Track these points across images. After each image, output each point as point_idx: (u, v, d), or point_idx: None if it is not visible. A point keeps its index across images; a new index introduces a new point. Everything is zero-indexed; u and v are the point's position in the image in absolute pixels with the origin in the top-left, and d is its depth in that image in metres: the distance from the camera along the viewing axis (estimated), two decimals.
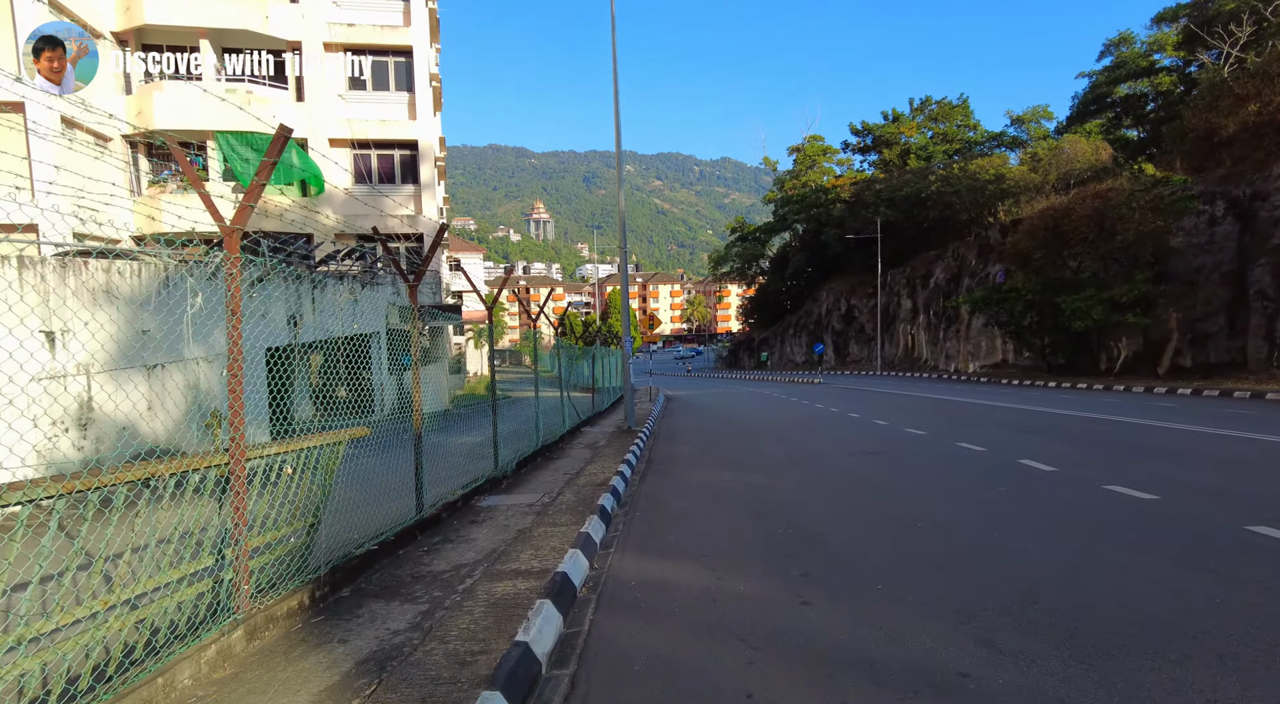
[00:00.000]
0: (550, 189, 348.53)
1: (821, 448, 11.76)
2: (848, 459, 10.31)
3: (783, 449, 11.89)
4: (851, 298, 57.94)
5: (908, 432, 13.16)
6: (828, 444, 12.25)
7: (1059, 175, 39.94)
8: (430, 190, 24.86)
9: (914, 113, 61.28)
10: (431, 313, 22.55)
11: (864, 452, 10.89)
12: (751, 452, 11.78)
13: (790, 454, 11.18)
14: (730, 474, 9.36)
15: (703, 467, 10.22)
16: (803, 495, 7.80)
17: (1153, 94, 48.14)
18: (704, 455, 11.60)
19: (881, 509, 6.90)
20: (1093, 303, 26.25)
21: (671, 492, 8.20)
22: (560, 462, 10.52)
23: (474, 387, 41.12)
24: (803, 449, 11.75)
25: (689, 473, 9.64)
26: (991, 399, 20.90)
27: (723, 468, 10.00)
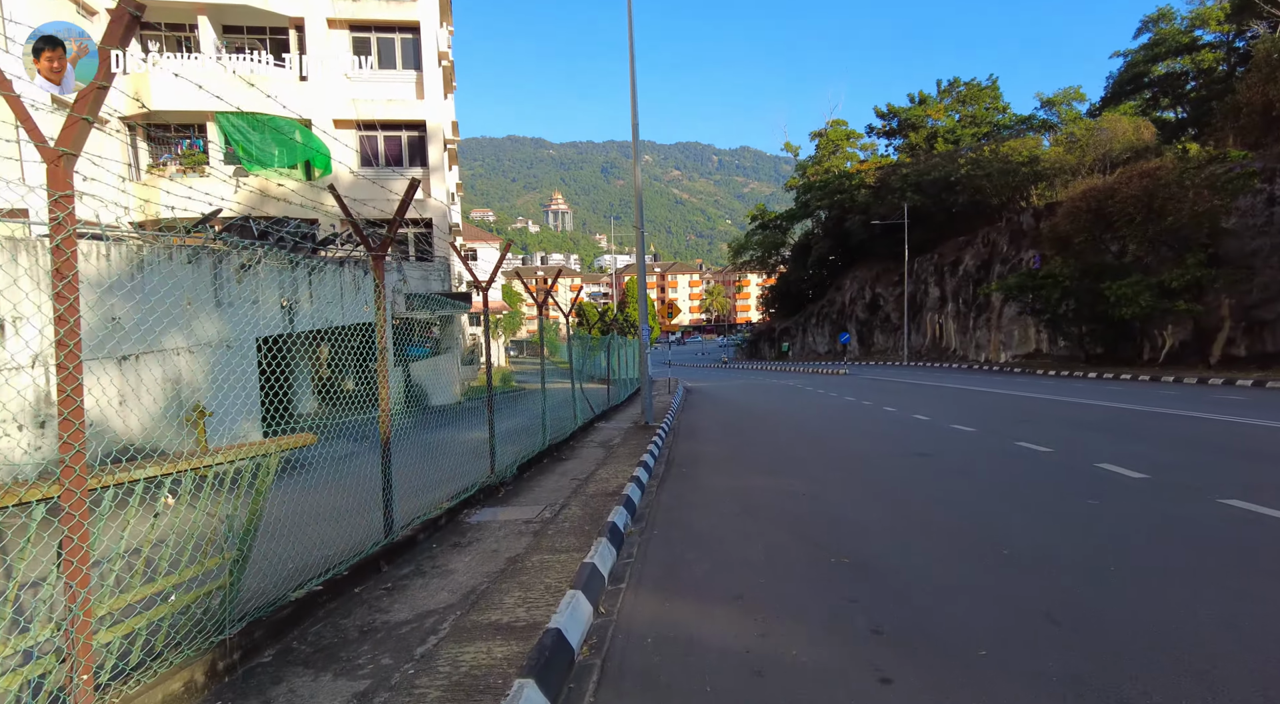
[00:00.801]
0: (568, 180, 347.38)
1: (863, 448, 10.53)
2: (896, 462, 9.09)
3: (819, 449, 10.68)
4: (876, 286, 56.30)
5: (955, 429, 11.89)
6: (869, 443, 11.02)
7: (1097, 156, 38.02)
8: (439, 173, 23.80)
9: (941, 95, 59.23)
10: (439, 300, 21.54)
11: (913, 453, 9.66)
12: (784, 451, 10.59)
13: (829, 455, 9.97)
14: (762, 479, 8.19)
15: (730, 469, 9.06)
16: (853, 509, 6.60)
17: (1194, 72, 45.99)
18: (730, 455, 10.44)
19: (952, 529, 5.70)
20: (1140, 289, 24.63)
21: (695, 502, 7.06)
22: (569, 463, 9.40)
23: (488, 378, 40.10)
24: (842, 449, 10.53)
25: (714, 477, 8.48)
26: (1033, 391, 19.49)
27: (753, 471, 8.83)
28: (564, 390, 15.50)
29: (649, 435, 12.00)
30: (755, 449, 11.00)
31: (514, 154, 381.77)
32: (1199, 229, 23.27)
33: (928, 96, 59.23)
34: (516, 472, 8.28)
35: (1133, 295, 24.67)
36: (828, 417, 15.60)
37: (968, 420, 12.86)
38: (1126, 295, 24.84)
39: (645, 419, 13.97)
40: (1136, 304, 24.68)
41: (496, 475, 7.65)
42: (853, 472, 8.51)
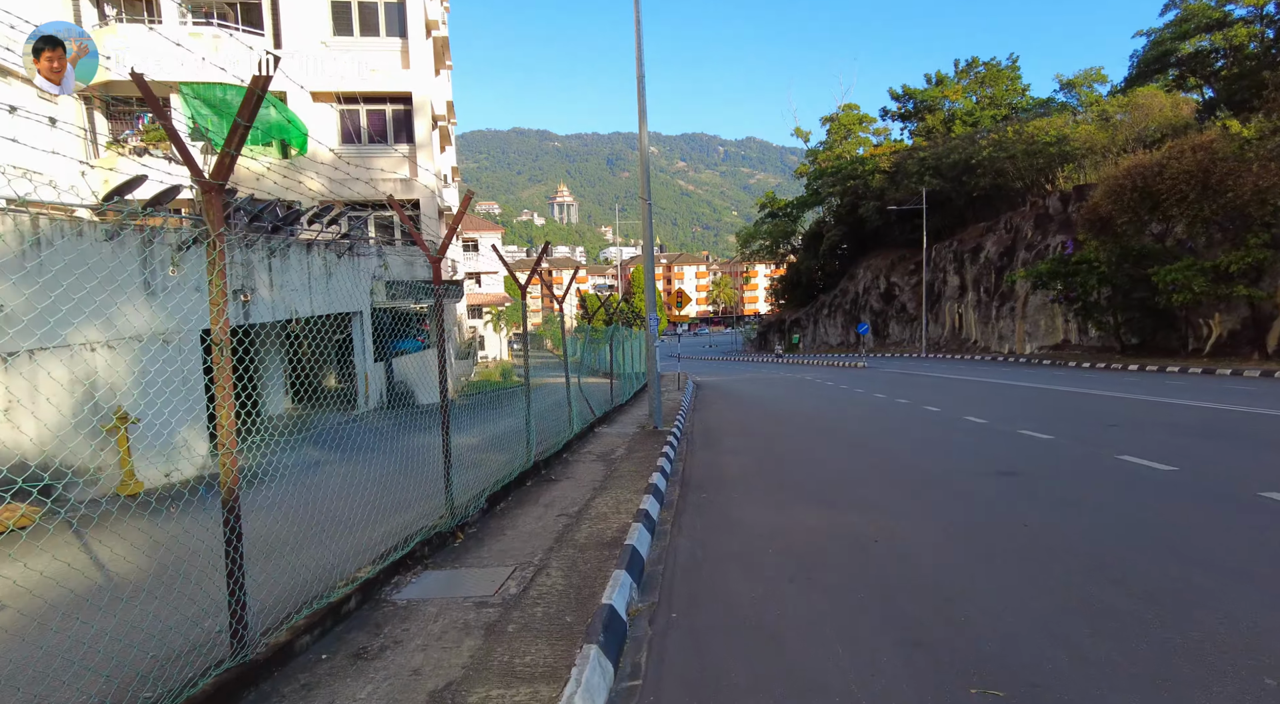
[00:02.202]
0: (574, 172, 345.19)
1: (925, 462, 8.56)
2: (976, 484, 7.11)
3: (872, 463, 8.70)
4: (892, 275, 54.17)
5: (1025, 435, 9.90)
6: (930, 455, 9.05)
7: (1132, 134, 35.73)
8: (427, 150, 21.85)
9: (959, 75, 56.83)
10: (425, 289, 19.61)
11: (992, 470, 7.68)
12: (827, 467, 8.62)
13: (887, 473, 7.99)
14: (812, 512, 6.24)
15: (764, 494, 7.11)
16: (961, 571, 4.58)
17: (1226, 49, 43.62)
18: (760, 471, 8.48)
19: (1132, 615, 3.73)
20: (1193, 273, 22.50)
21: (726, 554, 5.11)
22: (559, 487, 7.45)
23: (490, 373, 38.40)
24: (901, 464, 8.55)
25: (746, 508, 6.54)
26: (1085, 386, 17.47)
27: (796, 497, 6.87)
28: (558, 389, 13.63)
29: (658, 444, 10.08)
30: (790, 463, 9.04)
31: (519, 147, 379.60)
32: (1262, 207, 21.11)
33: (945, 77, 56.84)
34: (486, 504, 6.33)
35: (1185, 280, 22.54)
36: (865, 418, 13.63)
37: (1034, 424, 10.87)
38: (1179, 280, 22.72)
39: (654, 423, 12.03)
40: (1190, 290, 22.57)
41: (454, 516, 5.68)
42: (928, 500, 6.54)
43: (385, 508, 5.93)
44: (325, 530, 5.55)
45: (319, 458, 12.85)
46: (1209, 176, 21.99)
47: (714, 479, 7.96)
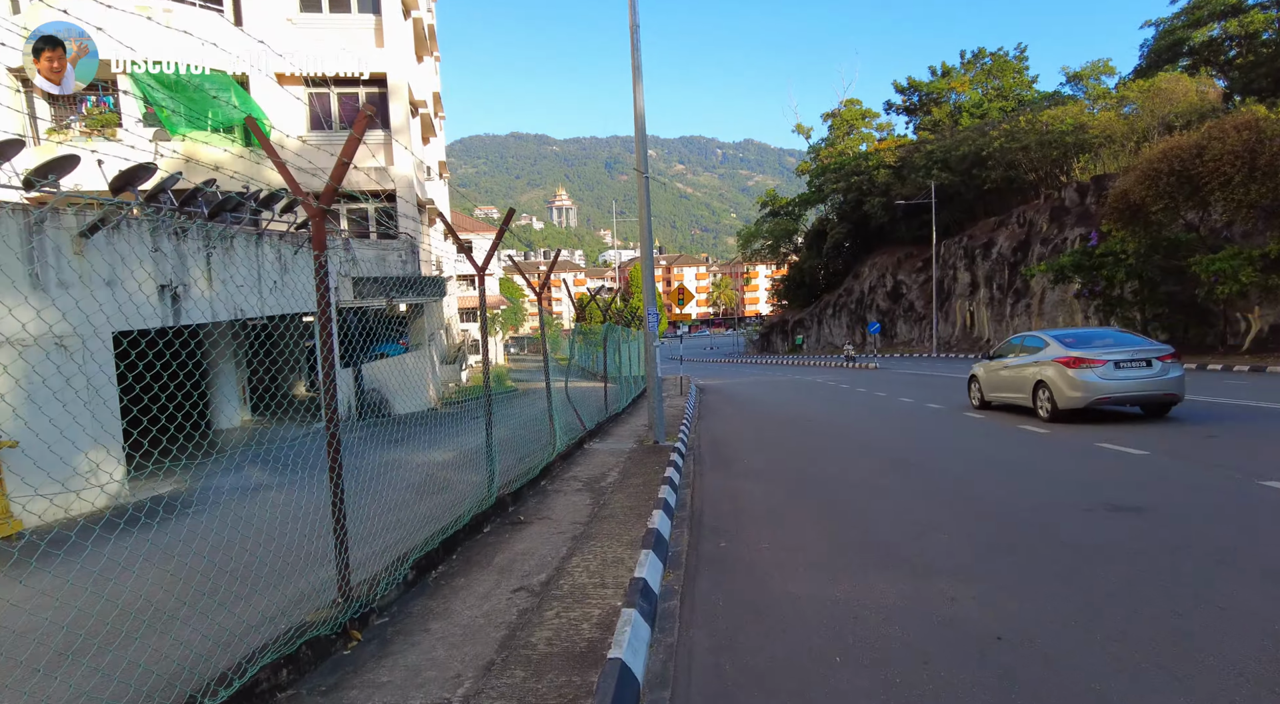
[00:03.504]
0: (572, 176, 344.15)
1: (1002, 491, 6.68)
2: (1091, 526, 5.20)
3: (934, 494, 6.82)
4: (898, 273, 52.41)
5: (1107, 449, 8.07)
6: (1002, 480, 7.18)
7: (1154, 121, 33.94)
8: (404, 136, 20.05)
9: (965, 67, 55.10)
10: (400, 286, 17.78)
11: (1099, 504, 5.78)
12: (881, 498, 6.68)
13: (959, 508, 6.09)
14: (883, 578, 4.35)
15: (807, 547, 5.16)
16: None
17: (1241, 36, 41.98)
18: (793, 506, 6.61)
19: None
20: (1240, 262, 20.67)
21: (770, 673, 3.19)
22: (525, 537, 5.47)
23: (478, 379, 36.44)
24: (972, 492, 6.67)
25: (786, 570, 4.65)
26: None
27: (853, 551, 4.93)
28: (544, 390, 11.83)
29: (660, 464, 8.25)
30: (830, 492, 7.16)
31: (517, 151, 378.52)
32: None
33: (951, 69, 55.14)
34: (413, 572, 4.42)
35: (1232, 270, 20.70)
36: (901, 428, 11.78)
37: (1128, 438, 9.03)
38: (1223, 271, 20.87)
39: (654, 436, 10.20)
40: (1235, 281, 20.73)
41: (349, 601, 3.71)
42: (1041, 558, 4.62)
43: (307, 558, 4.16)
44: (210, 595, 3.82)
45: (262, 481, 11.02)
46: (1256, 157, 20.18)
47: (733, 517, 6.11)
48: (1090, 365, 10.30)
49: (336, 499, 3.63)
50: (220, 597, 3.87)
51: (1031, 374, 11.30)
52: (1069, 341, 11.24)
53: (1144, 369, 10.26)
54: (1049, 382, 10.79)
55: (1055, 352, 11.02)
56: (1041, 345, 11.70)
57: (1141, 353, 10.48)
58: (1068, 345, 11.06)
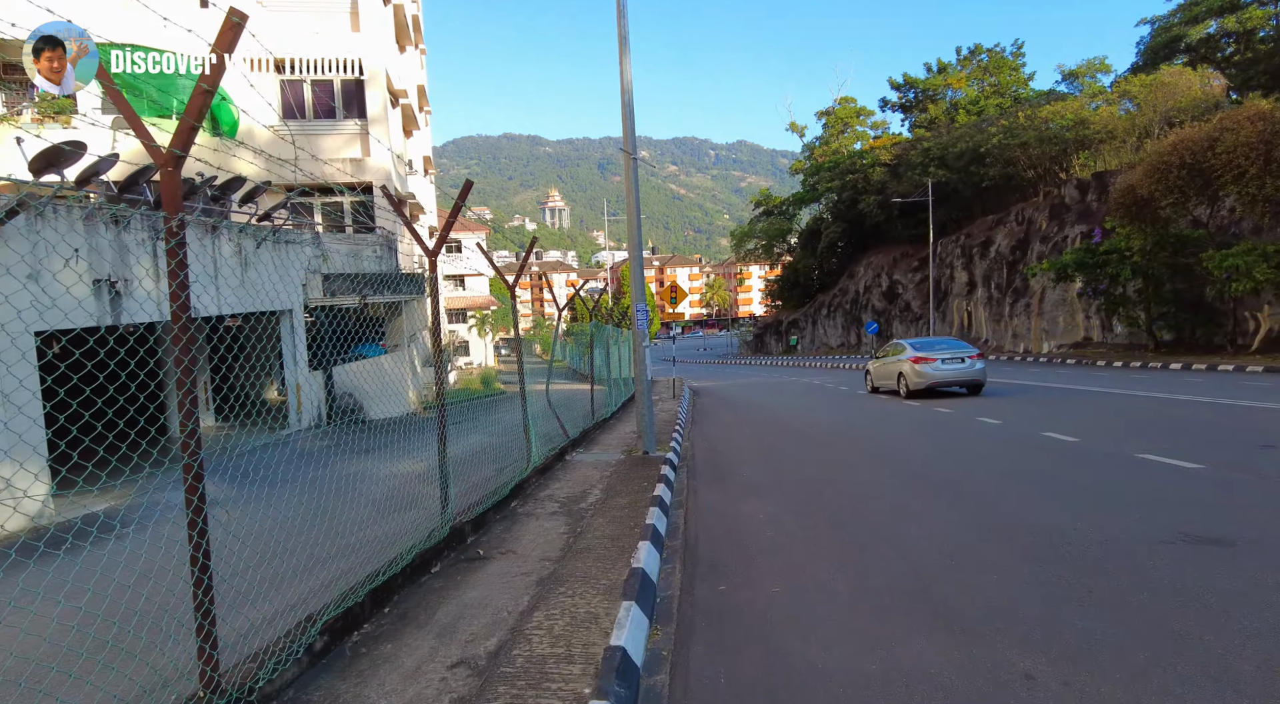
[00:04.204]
0: (565, 177, 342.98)
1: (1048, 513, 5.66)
2: (1172, 564, 4.20)
3: (965, 511, 5.86)
4: (894, 272, 51.63)
5: (1151, 460, 7.16)
6: (1043, 498, 6.19)
7: (1156, 116, 33.21)
8: (381, 127, 19.03)
9: (962, 63, 54.39)
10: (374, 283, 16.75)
11: (1175, 534, 4.80)
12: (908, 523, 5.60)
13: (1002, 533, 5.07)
14: (927, 640, 3.37)
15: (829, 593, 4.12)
16: None
17: (1239, 33, 41.46)
18: (805, 533, 5.64)
19: None
20: (1254, 258, 19.87)
21: None
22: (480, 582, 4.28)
23: (472, 380, 35.53)
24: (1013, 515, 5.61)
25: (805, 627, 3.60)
26: (1145, 388, 14.80)
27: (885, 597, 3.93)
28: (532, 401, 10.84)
29: (649, 479, 7.28)
30: (843, 512, 6.18)
31: (510, 152, 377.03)
32: None
33: (947, 65, 54.42)
34: (321, 640, 3.40)
35: (1245, 267, 19.89)
36: (913, 435, 10.85)
37: (1147, 442, 8.12)
38: (1237, 267, 20.06)
39: (643, 446, 9.22)
40: (1249, 277, 19.91)
41: (219, 698, 2.67)
42: (1123, 602, 3.71)
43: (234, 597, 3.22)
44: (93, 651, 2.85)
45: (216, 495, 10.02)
46: (1272, 150, 19.38)
47: (734, 547, 5.14)
48: (928, 362, 16.00)
49: (197, 553, 2.64)
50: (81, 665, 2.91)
51: (894, 369, 17.29)
52: (917, 347, 17.04)
53: (960, 364, 15.88)
54: (904, 373, 16.67)
55: (909, 354, 16.67)
56: (903, 350, 17.31)
57: (959, 353, 16.17)
58: (916, 349, 16.81)
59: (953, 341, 17.67)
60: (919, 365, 16.11)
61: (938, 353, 16.19)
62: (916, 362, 16.18)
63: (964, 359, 15.90)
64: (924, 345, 17.17)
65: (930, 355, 16.12)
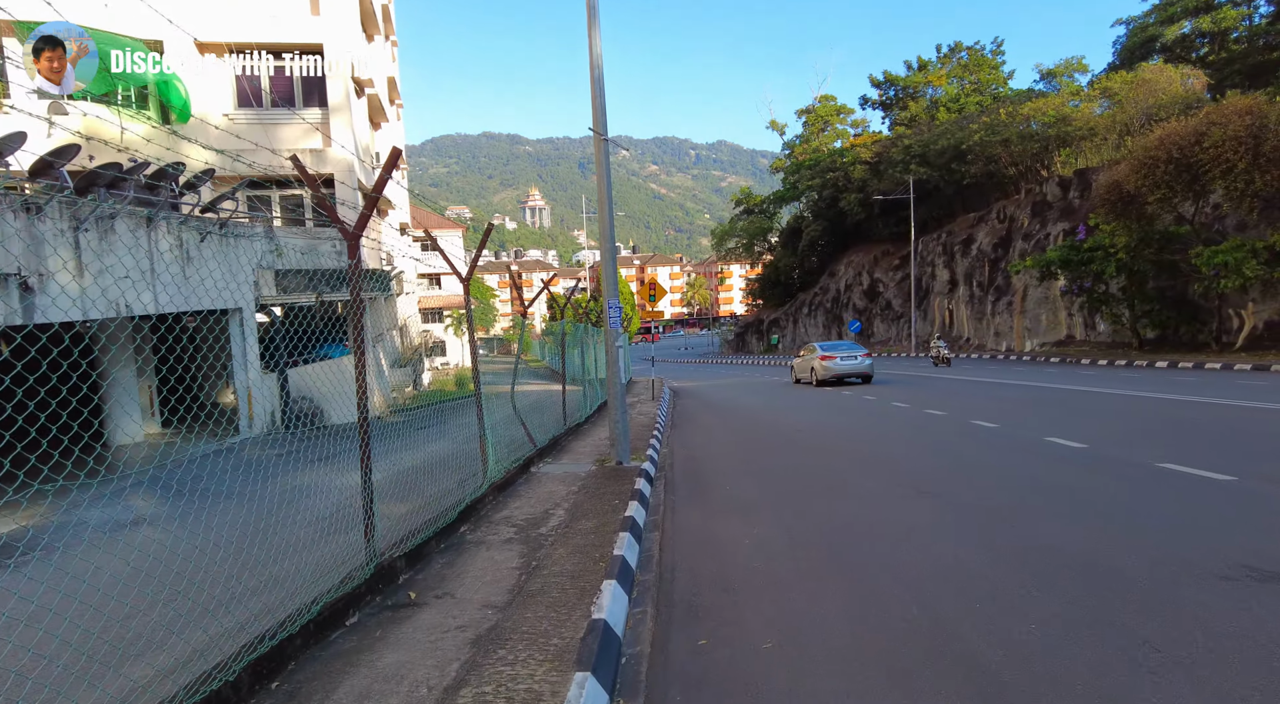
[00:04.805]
0: (545, 176, 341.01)
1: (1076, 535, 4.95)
2: (1233, 602, 3.61)
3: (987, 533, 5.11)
4: (875, 271, 51.28)
5: (1174, 471, 6.50)
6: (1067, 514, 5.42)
7: (1137, 112, 33.00)
8: (343, 116, 18.06)
9: (942, 61, 54.21)
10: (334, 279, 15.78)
11: (1236, 565, 4.13)
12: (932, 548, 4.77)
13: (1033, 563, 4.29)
14: None
15: (855, 666, 3.19)
16: None
17: (1214, 33, 41.70)
18: (798, 562, 4.88)
19: None
20: (1243, 254, 19.51)
21: None
22: (402, 638, 3.39)
23: (446, 381, 34.51)
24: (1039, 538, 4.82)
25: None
26: (1139, 387, 14.28)
27: (938, 683, 3.06)
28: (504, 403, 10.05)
29: (621, 494, 6.49)
30: (843, 535, 5.40)
31: (490, 151, 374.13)
32: None
33: (928, 62, 54.21)
34: None
35: (1234, 263, 19.52)
36: (906, 439, 10.15)
37: (1166, 450, 7.48)
38: (1227, 264, 19.69)
39: (616, 455, 8.42)
40: (1239, 274, 19.55)
41: None
42: (1241, 686, 2.95)
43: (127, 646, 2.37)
44: None
45: (144, 512, 9.08)
46: (1261, 144, 19.02)
47: (717, 583, 4.35)
48: (830, 359, 20.86)
49: None
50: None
51: (809, 364, 22.05)
52: (824, 348, 21.93)
53: (854, 361, 20.91)
54: (815, 367, 21.37)
55: (819, 353, 21.48)
56: (815, 350, 22.05)
57: (853, 353, 21.26)
58: (824, 350, 21.63)
59: (850, 344, 23.15)
60: (825, 361, 20.96)
61: (838, 352, 21.29)
62: (824, 359, 21.04)
63: (857, 357, 21.07)
64: (830, 347, 22.15)
65: (833, 354, 21.14)
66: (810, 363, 21.77)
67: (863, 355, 21.14)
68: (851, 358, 20.92)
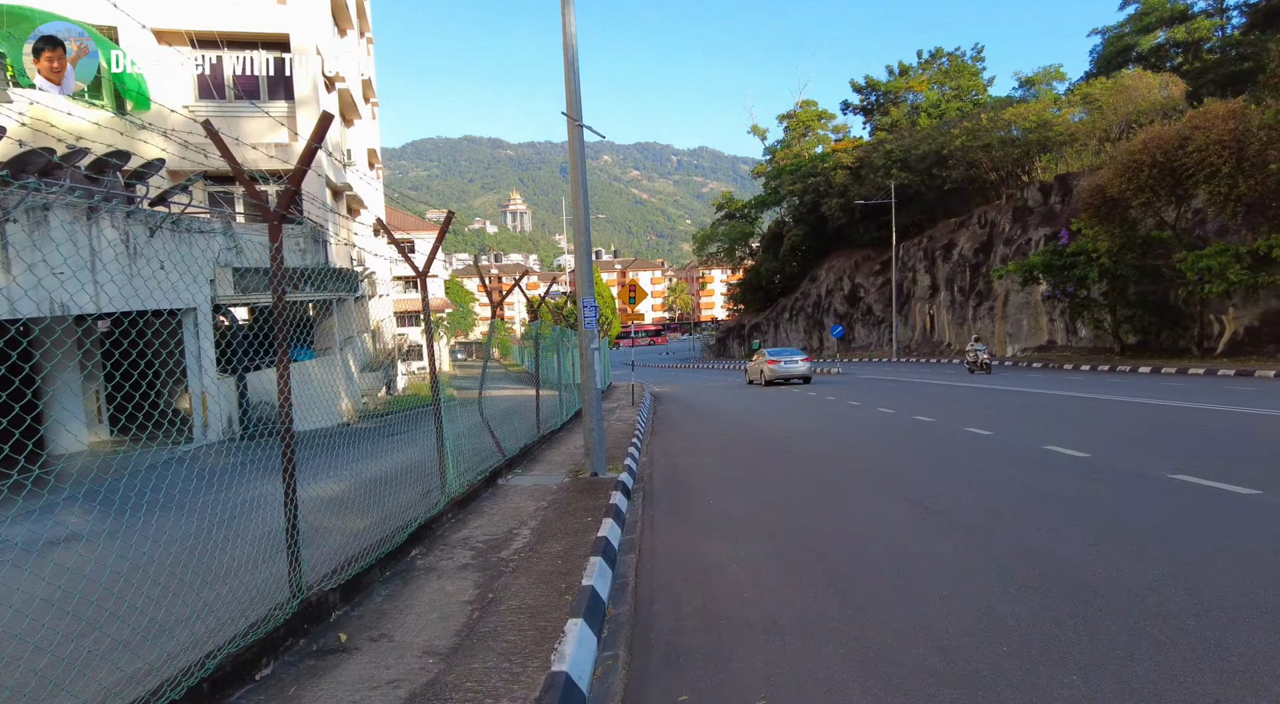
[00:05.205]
0: (527, 180, 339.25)
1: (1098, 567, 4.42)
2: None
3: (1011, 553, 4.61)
4: (856, 276, 51.16)
5: (1193, 485, 6.04)
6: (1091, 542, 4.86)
7: (1116, 118, 33.07)
8: (310, 108, 17.33)
9: (923, 67, 54.33)
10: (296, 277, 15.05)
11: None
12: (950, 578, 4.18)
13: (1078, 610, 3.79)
14: None
15: None
16: None
17: (1188, 43, 42.21)
18: (811, 602, 4.28)
19: None
20: (1227, 259, 19.36)
21: None
22: (318, 699, 3.00)
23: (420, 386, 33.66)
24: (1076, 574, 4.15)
25: None
26: (1129, 393, 13.97)
27: None
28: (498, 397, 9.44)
29: (594, 511, 5.91)
30: (846, 561, 4.83)
31: (471, 154, 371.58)
32: None
33: (909, 67, 54.32)
34: None
35: (1219, 268, 19.36)
36: (899, 448, 9.66)
37: (1200, 466, 7.01)
38: (1211, 268, 19.52)
39: (591, 465, 7.83)
40: (1223, 279, 19.40)
41: None
42: None
43: None
44: None
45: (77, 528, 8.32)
46: (1244, 148, 18.91)
47: (702, 622, 3.77)
48: (775, 363, 24.22)
49: None
50: None
51: (758, 366, 25.39)
52: (771, 353, 25.55)
53: (794, 364, 24.19)
54: (763, 370, 24.59)
55: (766, 358, 24.93)
56: (763, 355, 25.51)
57: (795, 357, 24.62)
58: (770, 354, 25.21)
59: (792, 350, 26.59)
60: (771, 365, 24.48)
61: (782, 357, 24.91)
62: (770, 363, 24.63)
63: (797, 361, 24.54)
64: (775, 352, 25.76)
65: (777, 359, 24.75)
66: (759, 365, 25.36)
67: (802, 360, 24.49)
68: (793, 362, 24.36)
